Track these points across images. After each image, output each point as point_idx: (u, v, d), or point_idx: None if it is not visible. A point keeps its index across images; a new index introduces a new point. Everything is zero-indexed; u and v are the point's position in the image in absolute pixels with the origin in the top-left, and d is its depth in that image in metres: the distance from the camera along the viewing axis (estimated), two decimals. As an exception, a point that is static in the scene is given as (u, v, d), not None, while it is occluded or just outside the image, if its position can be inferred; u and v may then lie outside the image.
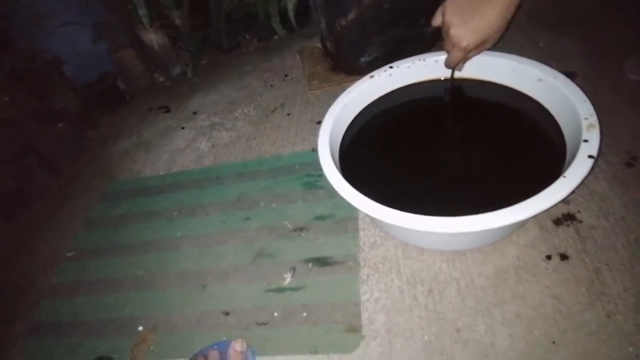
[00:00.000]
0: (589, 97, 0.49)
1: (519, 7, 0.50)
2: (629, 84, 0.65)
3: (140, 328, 0.59)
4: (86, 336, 0.61)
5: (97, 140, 1.05)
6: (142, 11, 1.04)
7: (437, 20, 0.53)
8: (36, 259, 0.77)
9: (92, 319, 0.63)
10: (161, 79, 1.19)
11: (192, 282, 0.63)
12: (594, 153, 0.42)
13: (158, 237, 0.72)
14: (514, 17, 0.50)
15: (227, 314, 0.57)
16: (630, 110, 0.62)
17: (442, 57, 0.60)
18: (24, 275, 0.75)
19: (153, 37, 1.09)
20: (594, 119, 0.45)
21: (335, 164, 0.52)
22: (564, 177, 0.41)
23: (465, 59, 0.55)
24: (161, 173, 0.86)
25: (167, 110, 1.06)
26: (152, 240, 0.72)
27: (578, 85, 0.51)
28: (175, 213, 0.75)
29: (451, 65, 0.56)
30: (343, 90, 0.63)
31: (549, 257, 0.50)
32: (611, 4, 0.81)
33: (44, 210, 0.88)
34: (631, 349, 0.41)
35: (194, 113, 1.00)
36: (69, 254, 0.75)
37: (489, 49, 0.54)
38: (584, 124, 0.45)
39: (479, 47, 0.52)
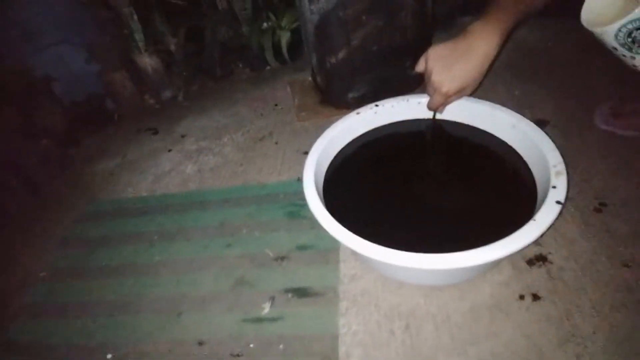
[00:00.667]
0: (558, 145, 0.53)
1: (495, 59, 0.54)
2: (598, 133, 0.70)
3: (109, 356, 0.57)
4: (55, 361, 0.58)
5: (80, 159, 1.04)
6: (138, 36, 1.06)
7: (420, 67, 0.57)
8: (9, 278, 0.74)
9: (63, 343, 0.60)
10: (151, 101, 1.20)
11: (168, 309, 0.61)
12: (562, 199, 0.45)
13: (136, 260, 0.71)
14: (491, 67, 0.55)
15: (201, 343, 0.56)
16: (600, 157, 0.66)
17: (424, 99, 0.64)
18: (-2, 292, 0.72)
19: (147, 61, 1.11)
20: (562, 166, 0.48)
21: (320, 196, 0.54)
22: (534, 220, 0.43)
23: (445, 103, 0.58)
24: (144, 194, 0.85)
25: (155, 132, 1.07)
26: (129, 264, 0.70)
27: (549, 133, 0.55)
28: (156, 237, 0.74)
29: (432, 108, 0.59)
30: (331, 122, 0.66)
31: (522, 297, 0.51)
32: (582, 56, 0.88)
33: (19, 228, 0.85)
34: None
35: (182, 136, 1.01)
36: (42, 274, 0.72)
37: (469, 95, 0.58)
38: (553, 171, 0.48)
39: (459, 93, 0.55)
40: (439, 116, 0.63)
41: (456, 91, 0.54)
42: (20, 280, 0.73)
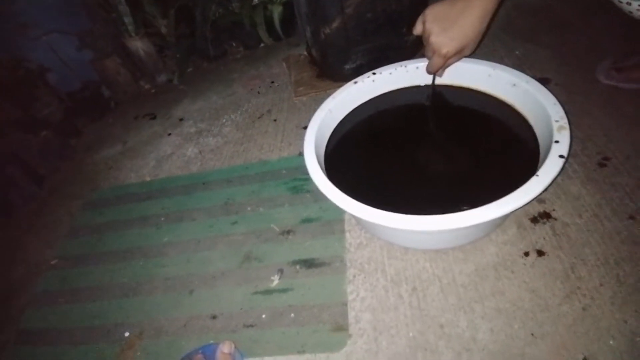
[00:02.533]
0: (561, 102, 0.52)
1: (494, 16, 0.53)
2: (600, 88, 0.69)
3: (127, 334, 0.59)
4: (72, 343, 0.60)
5: (81, 148, 1.04)
6: (127, 19, 1.04)
7: (417, 29, 0.56)
8: (20, 268, 0.76)
9: (78, 326, 0.62)
10: (147, 86, 1.19)
11: (179, 287, 0.63)
12: (565, 153, 0.44)
13: (144, 243, 0.72)
14: (488, 27, 0.53)
15: (214, 317, 0.57)
16: (603, 112, 0.65)
17: (422, 64, 0.63)
18: (8, 284, 0.73)
19: (139, 45, 1.09)
20: (564, 121, 0.48)
21: (321, 167, 0.53)
22: (537, 175, 0.43)
23: (445, 65, 0.57)
24: (147, 179, 0.86)
25: (153, 117, 1.06)
26: (137, 247, 0.72)
27: (551, 90, 0.54)
28: (162, 219, 0.75)
29: (432, 70, 0.58)
30: (329, 96, 0.65)
31: (526, 254, 0.52)
32: (581, 13, 0.85)
33: (27, 219, 0.86)
34: (612, 342, 0.43)
35: (181, 120, 1.01)
36: (53, 262, 0.73)
37: (467, 56, 0.57)
38: (555, 125, 0.47)
39: (458, 54, 0.54)
40: (438, 80, 0.62)
41: (456, 52, 0.53)
42: (32, 269, 0.74)
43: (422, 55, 0.60)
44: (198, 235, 0.70)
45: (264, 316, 0.55)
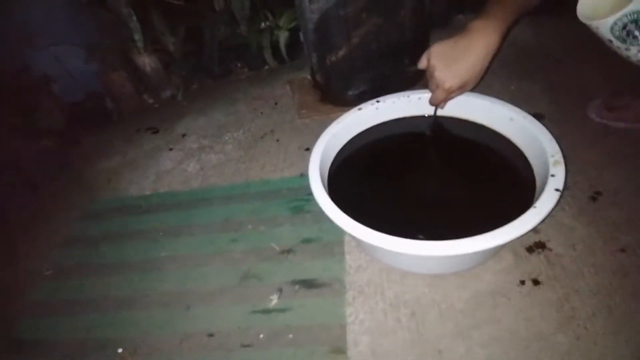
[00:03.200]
0: (554, 137, 0.55)
1: (495, 56, 0.56)
2: (591, 125, 0.72)
3: (120, 350, 0.58)
4: (65, 356, 0.58)
5: (80, 159, 1.04)
6: (137, 36, 1.06)
7: (422, 63, 0.59)
8: (14, 277, 0.74)
9: (71, 339, 0.61)
10: (150, 100, 1.20)
11: (176, 303, 0.62)
12: (560, 187, 0.46)
13: (141, 257, 0.71)
14: (491, 64, 0.56)
15: (211, 335, 0.57)
16: (593, 149, 0.68)
17: (425, 94, 0.65)
18: (2, 292, 0.72)
19: (146, 60, 1.11)
20: (559, 156, 0.50)
21: (324, 188, 0.55)
22: (535, 207, 0.45)
23: (447, 98, 0.60)
24: (147, 193, 0.86)
25: (156, 131, 1.07)
26: (134, 261, 0.71)
27: (545, 125, 0.57)
28: (160, 233, 0.75)
29: (435, 103, 0.61)
30: (331, 120, 0.67)
31: (522, 282, 0.53)
32: (573, 52, 0.90)
33: (22, 228, 0.85)
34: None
35: (183, 135, 1.02)
36: (47, 272, 0.72)
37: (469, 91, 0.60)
38: (551, 160, 0.50)
39: (460, 89, 0.57)
40: (439, 112, 0.65)
41: (458, 87, 0.56)
42: (26, 279, 0.73)
43: (423, 86, 0.63)
44: (197, 251, 0.70)
45: (261, 336, 0.55)
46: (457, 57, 0.54)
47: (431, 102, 0.61)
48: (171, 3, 1.11)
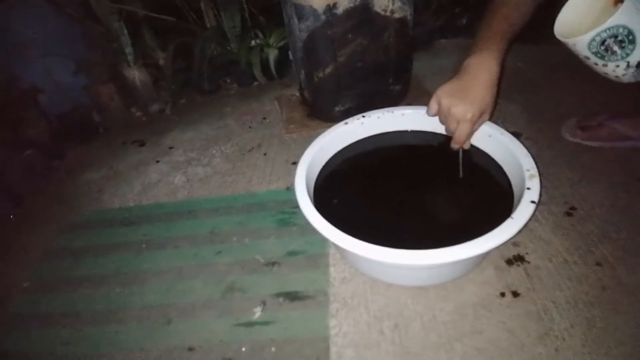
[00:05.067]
0: (530, 153, 0.57)
1: (501, 81, 0.56)
2: (566, 144, 0.76)
3: (97, 365, 0.56)
4: (39, 372, 0.56)
5: (65, 171, 1.03)
6: (128, 50, 1.08)
7: (433, 109, 0.57)
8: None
9: (46, 353, 0.58)
10: (138, 114, 1.20)
11: (156, 316, 0.61)
12: (535, 199, 0.48)
13: (123, 269, 0.70)
14: (498, 93, 0.57)
15: (191, 349, 0.56)
16: (568, 166, 0.71)
17: (408, 110, 0.68)
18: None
19: (136, 74, 1.12)
20: (534, 170, 0.52)
21: (310, 200, 0.56)
22: (512, 218, 0.46)
23: (472, 131, 0.57)
24: (131, 205, 0.85)
25: (142, 144, 1.07)
26: (115, 273, 0.70)
27: (522, 143, 0.59)
28: (143, 245, 0.74)
29: (462, 140, 0.57)
30: (318, 134, 0.69)
31: (502, 294, 0.54)
32: (549, 75, 0.95)
33: (1, 239, 0.83)
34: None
35: (170, 148, 1.02)
36: (25, 284, 0.70)
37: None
38: (527, 174, 0.52)
39: (480, 119, 0.56)
40: (419, 127, 0.67)
41: (479, 114, 0.54)
42: (3, 291, 0.70)
43: (407, 104, 0.66)
44: (180, 264, 0.69)
45: (244, 349, 0.54)
46: (466, 90, 0.54)
47: (457, 141, 0.57)
48: (162, 19, 1.13)
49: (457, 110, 0.54)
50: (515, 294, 0.54)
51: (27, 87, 1.00)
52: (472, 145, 0.63)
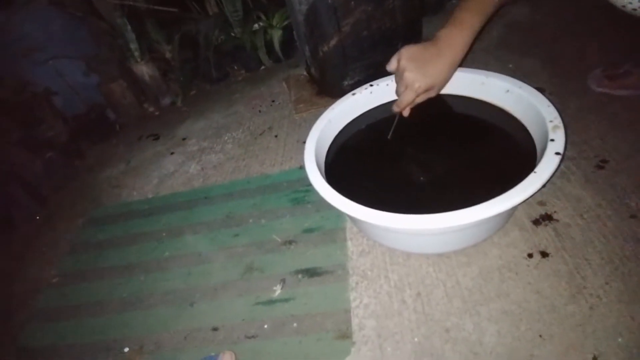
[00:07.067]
0: (556, 108, 0.53)
1: (463, 60, 0.55)
2: (593, 95, 0.70)
3: (127, 349, 0.57)
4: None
5: (85, 169, 1.06)
6: (133, 45, 1.08)
7: (392, 65, 0.57)
8: (21, 285, 0.75)
9: (78, 343, 0.61)
10: (151, 109, 1.22)
11: (180, 300, 0.62)
12: (561, 150, 0.45)
13: (145, 258, 0.71)
14: (456, 69, 0.56)
15: (215, 329, 0.56)
16: (597, 118, 0.66)
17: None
18: (8, 301, 0.73)
19: (144, 69, 1.13)
20: (558, 120, 0.49)
21: (322, 174, 0.54)
22: (535, 172, 0.43)
23: (414, 102, 0.57)
24: (149, 196, 0.87)
25: (157, 137, 1.08)
26: (138, 262, 0.71)
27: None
28: (164, 234, 0.75)
29: (402, 106, 0.57)
30: (328, 109, 0.67)
31: (530, 255, 0.51)
32: (567, 27, 0.88)
33: (28, 237, 0.86)
34: (620, 340, 0.42)
35: (184, 139, 1.02)
36: (54, 280, 0.73)
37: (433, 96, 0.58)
38: (550, 125, 0.48)
39: (427, 92, 0.56)
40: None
41: (426, 88, 0.55)
42: (32, 287, 0.74)
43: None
44: (199, 249, 0.69)
45: (266, 326, 0.54)
46: (427, 60, 0.53)
47: (397, 106, 0.58)
48: (165, 11, 1.13)
49: (408, 76, 0.54)
50: (544, 254, 0.51)
51: (40, 90, 1.03)
52: (487, 104, 0.60)
